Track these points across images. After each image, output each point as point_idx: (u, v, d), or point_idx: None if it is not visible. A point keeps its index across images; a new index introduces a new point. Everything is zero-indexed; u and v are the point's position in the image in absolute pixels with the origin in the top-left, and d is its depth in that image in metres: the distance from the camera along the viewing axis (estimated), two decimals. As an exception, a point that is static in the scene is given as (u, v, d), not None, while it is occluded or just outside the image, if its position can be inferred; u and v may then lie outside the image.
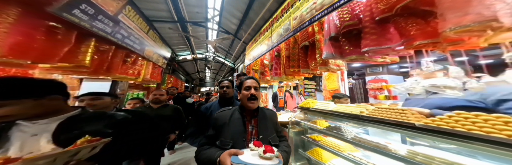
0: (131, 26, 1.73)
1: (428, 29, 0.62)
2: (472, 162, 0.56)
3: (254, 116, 0.72)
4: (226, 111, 0.74)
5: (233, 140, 0.62)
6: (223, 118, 0.69)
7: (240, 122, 0.68)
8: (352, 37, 1.00)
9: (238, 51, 4.62)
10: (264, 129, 0.69)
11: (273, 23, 2.13)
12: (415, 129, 0.64)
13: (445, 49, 0.63)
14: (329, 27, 1.20)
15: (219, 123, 0.68)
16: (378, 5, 0.83)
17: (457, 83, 0.55)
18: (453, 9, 0.54)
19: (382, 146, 0.78)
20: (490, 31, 0.48)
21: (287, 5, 1.77)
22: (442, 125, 0.56)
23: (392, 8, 0.74)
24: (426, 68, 0.68)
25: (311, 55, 1.51)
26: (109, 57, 1.42)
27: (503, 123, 0.46)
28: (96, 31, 1.23)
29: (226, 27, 3.42)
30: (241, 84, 0.73)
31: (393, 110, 0.76)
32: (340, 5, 1.00)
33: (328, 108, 1.16)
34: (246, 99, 0.68)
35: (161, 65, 2.84)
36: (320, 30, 1.40)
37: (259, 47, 2.72)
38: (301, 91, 3.89)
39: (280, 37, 1.90)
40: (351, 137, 0.99)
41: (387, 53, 0.83)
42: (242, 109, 0.72)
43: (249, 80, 0.73)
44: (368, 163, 0.85)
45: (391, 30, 0.78)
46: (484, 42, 0.54)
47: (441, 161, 0.57)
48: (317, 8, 1.28)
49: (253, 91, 0.69)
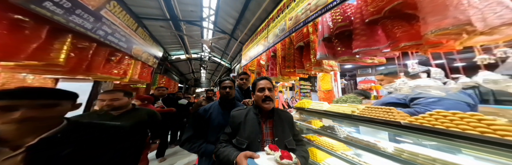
0: (116, 22, 1.63)
1: (412, 32, 0.67)
2: (451, 158, 0.60)
3: (269, 117, 0.71)
4: (242, 110, 0.74)
5: (249, 139, 0.62)
6: (239, 116, 0.70)
7: (255, 122, 0.67)
8: (344, 39, 1.04)
9: (234, 52, 4.60)
10: (280, 132, 0.67)
11: (269, 24, 2.16)
12: (401, 127, 0.67)
13: (426, 51, 0.68)
14: (322, 28, 1.24)
15: (236, 121, 0.68)
16: (368, 7, 0.87)
17: (439, 83, 0.60)
18: (433, 13, 0.58)
19: (372, 144, 0.81)
20: (465, 34, 0.52)
21: (283, 6, 1.81)
22: (424, 123, 0.60)
23: (380, 11, 0.79)
24: (412, 69, 0.73)
25: (306, 55, 1.55)
26: (89, 56, 1.30)
27: (476, 120, 0.50)
28: (72, 26, 1.12)
29: (222, 27, 3.42)
30: (254, 85, 0.74)
31: (381, 109, 0.80)
32: (333, 6, 1.04)
33: (322, 108, 1.19)
34: (261, 100, 0.68)
35: (151, 65, 2.72)
36: (315, 31, 1.44)
37: (256, 48, 2.75)
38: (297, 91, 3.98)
39: (276, 37, 1.93)
40: (344, 136, 1.03)
41: (375, 54, 0.87)
42: (257, 109, 0.72)
43: (262, 81, 0.73)
44: (359, 161, 0.89)
45: (379, 32, 0.82)
46: (459, 45, 0.59)
47: (424, 157, 0.61)
48: (312, 9, 1.32)
49: (267, 92, 0.69)
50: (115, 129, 0.50)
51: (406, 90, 0.72)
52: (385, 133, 0.92)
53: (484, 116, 0.49)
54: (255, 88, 0.72)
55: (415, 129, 0.63)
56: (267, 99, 0.68)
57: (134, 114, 0.93)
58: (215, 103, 0.96)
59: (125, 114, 0.88)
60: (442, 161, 0.58)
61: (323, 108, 1.21)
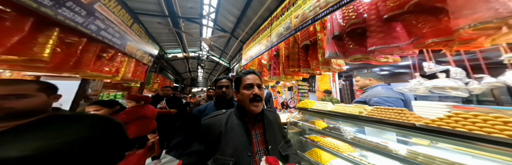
0: (111, 17, 1.53)
1: (441, 27, 0.61)
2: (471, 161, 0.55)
3: (257, 120, 0.56)
4: (219, 115, 0.56)
5: (235, 156, 0.46)
6: (217, 126, 0.51)
7: (242, 129, 0.51)
8: (356, 36, 0.99)
9: (234, 51, 4.51)
10: (272, 137, 0.54)
11: (272, 22, 2.09)
12: (416, 129, 0.62)
13: (452, 49, 0.62)
14: (332, 26, 1.18)
15: (212, 133, 0.50)
16: (387, 2, 0.81)
17: (459, 84, 0.54)
18: (468, 5, 0.52)
19: (382, 146, 0.75)
20: (505, 28, 0.46)
21: (288, 4, 1.74)
22: (442, 125, 0.55)
23: (403, 5, 0.73)
24: (428, 69, 0.67)
25: (312, 54, 1.48)
26: (78, 51, 1.19)
27: (502, 123, 0.44)
28: (61, 20, 1.03)
29: (222, 25, 3.31)
30: (238, 81, 0.56)
31: (392, 110, 0.75)
32: (347, 2, 0.98)
33: (327, 108, 1.13)
34: (248, 100, 0.52)
35: (146, 63, 2.58)
36: (322, 29, 1.38)
37: (257, 47, 2.67)
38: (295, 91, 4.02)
39: (280, 36, 1.86)
40: (351, 137, 0.97)
41: (392, 52, 0.81)
42: (241, 112, 0.55)
43: (250, 75, 0.55)
44: (368, 163, 0.82)
45: (398, 29, 0.77)
46: (491, 42, 0.53)
47: (442, 161, 0.55)
48: (322, 6, 1.26)
49: (257, 90, 0.53)
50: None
51: (422, 91, 0.66)
52: (392, 134, 0.86)
53: (510, 118, 0.44)
54: (240, 84, 0.55)
55: (432, 131, 0.57)
56: (256, 98, 0.52)
57: (57, 126, 0.33)
58: (210, 103, 0.86)
59: (33, 127, 0.31)
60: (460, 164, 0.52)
61: (328, 108, 1.14)
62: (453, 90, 0.58)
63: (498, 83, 0.52)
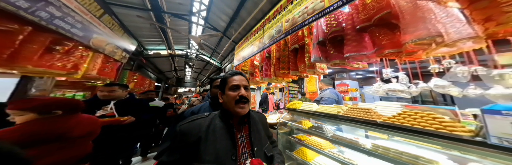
0: (71, 5, 1.35)
1: (395, 40, 0.79)
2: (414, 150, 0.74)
3: (243, 122, 0.58)
4: (199, 119, 0.54)
5: (218, 161, 0.45)
6: (195, 131, 0.50)
7: (225, 133, 0.52)
8: (336, 43, 1.16)
9: (226, 50, 4.57)
10: (257, 139, 0.56)
11: (265, 24, 2.24)
12: (378, 125, 0.78)
13: (401, 59, 0.81)
14: (317, 32, 1.35)
15: (190, 140, 0.49)
16: (359, 15, 0.99)
17: (404, 87, 0.72)
18: (413, 24, 0.70)
19: (354, 141, 0.91)
20: (434, 45, 0.64)
21: (280, 7, 1.91)
22: (395, 121, 0.71)
23: (370, 19, 0.91)
24: (386, 75, 0.85)
25: (301, 58, 1.64)
26: (16, 42, 0.99)
27: (432, 119, 0.62)
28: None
29: (214, 23, 3.38)
30: (224, 82, 0.57)
31: (361, 110, 0.91)
32: (329, 11, 1.16)
33: (312, 109, 1.28)
34: (234, 102, 0.53)
35: (118, 59, 2.35)
36: (309, 34, 1.55)
37: (250, 48, 2.80)
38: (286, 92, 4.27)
39: (272, 38, 2.01)
40: (331, 135, 1.12)
41: (362, 59, 0.99)
42: (226, 114, 0.56)
43: (236, 76, 0.57)
44: (344, 158, 0.98)
45: (367, 39, 0.94)
46: (425, 55, 0.72)
47: (394, 151, 0.72)
48: (309, 12, 1.42)
49: (243, 91, 0.54)
50: None
51: (381, 93, 0.84)
52: (362, 131, 1.03)
53: (437, 115, 0.61)
54: (225, 85, 0.56)
55: (388, 126, 0.74)
56: (242, 100, 0.53)
57: None
58: (204, 104, 0.83)
59: None
60: (407, 153, 0.70)
61: (313, 108, 1.30)
62: (401, 92, 0.76)
63: (427, 87, 0.71)
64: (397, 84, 0.82)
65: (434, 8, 0.67)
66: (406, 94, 0.78)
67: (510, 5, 0.48)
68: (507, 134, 0.48)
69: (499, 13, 0.50)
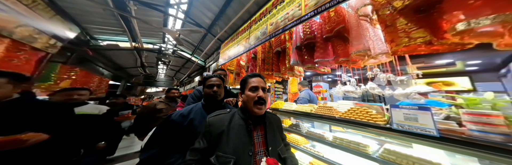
0: None
1: (346, 50, 1.11)
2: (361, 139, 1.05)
3: (259, 122, 0.67)
4: (223, 114, 0.66)
5: (236, 154, 0.54)
6: (220, 124, 0.61)
7: (244, 130, 0.61)
8: (309, 49, 1.47)
9: (211, 49, 4.73)
10: (272, 139, 0.64)
11: (251, 25, 2.51)
12: (336, 120, 1.08)
13: (350, 66, 1.14)
14: (296, 38, 1.66)
15: (215, 131, 0.59)
16: (325, 26, 1.31)
17: (354, 89, 1.04)
18: (355, 38, 1.02)
19: (321, 135, 1.21)
20: (366, 57, 0.96)
21: (266, 10, 2.19)
22: (346, 116, 1.02)
23: (332, 30, 1.22)
24: (343, 79, 1.18)
25: (282, 60, 1.94)
26: None
27: (366, 112, 0.93)
28: None
29: (197, 19, 3.52)
30: (244, 83, 0.70)
31: (326, 108, 1.22)
32: (305, 19, 1.46)
33: (292, 108, 1.57)
34: (252, 102, 0.63)
35: (42, 48, 1.98)
36: (290, 39, 1.85)
37: (236, 47, 3.04)
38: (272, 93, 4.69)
39: (257, 40, 2.29)
40: (305, 131, 1.41)
41: (326, 65, 1.30)
42: (244, 113, 0.66)
43: (255, 78, 0.68)
44: (314, 152, 1.27)
45: (330, 47, 1.26)
46: (363, 64, 1.05)
47: (348, 141, 1.03)
48: (289, 18, 1.73)
49: (261, 93, 0.64)
50: None
51: (342, 93, 1.15)
52: (327, 126, 1.35)
53: (367, 109, 0.93)
54: (245, 86, 0.68)
55: (342, 120, 1.05)
56: (260, 101, 0.63)
57: None
58: (196, 105, 0.86)
59: None
60: (353, 142, 1.03)
61: (292, 108, 1.59)
62: (352, 93, 1.08)
63: (364, 89, 1.04)
64: (350, 86, 1.14)
65: (369, 28, 0.99)
66: (355, 94, 1.10)
67: (403, 32, 0.81)
68: (401, 121, 0.79)
69: (397, 37, 0.83)
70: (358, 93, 1.10)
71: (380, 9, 0.92)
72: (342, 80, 1.26)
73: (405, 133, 0.78)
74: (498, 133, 0.55)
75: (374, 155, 0.95)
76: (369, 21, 1.00)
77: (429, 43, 0.72)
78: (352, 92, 1.13)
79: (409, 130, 0.76)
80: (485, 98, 0.65)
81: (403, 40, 0.79)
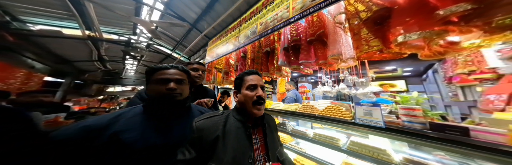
0: None
1: (325, 54, 1.33)
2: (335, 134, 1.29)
3: (257, 124, 0.66)
4: (216, 117, 0.63)
5: (235, 163, 0.51)
6: (214, 128, 0.58)
7: (243, 133, 0.59)
8: (295, 50, 1.68)
9: (197, 45, 4.82)
10: (272, 142, 0.64)
11: (241, 24, 2.68)
12: (315, 117, 1.30)
13: (327, 68, 1.36)
14: (284, 39, 1.87)
15: (209, 137, 0.55)
16: (309, 29, 1.52)
17: (330, 89, 1.27)
18: (332, 44, 1.24)
19: (303, 132, 1.43)
20: (340, 61, 1.19)
21: (256, 10, 2.38)
22: (324, 113, 1.24)
23: (314, 34, 1.44)
24: (323, 80, 1.41)
25: (271, 60, 2.15)
26: None
27: (338, 110, 1.16)
28: None
29: (180, 12, 3.55)
30: (240, 80, 0.67)
31: (308, 106, 1.44)
32: (292, 21, 1.68)
33: (279, 107, 1.78)
34: (251, 102, 0.61)
35: None
36: (278, 40, 2.05)
37: (225, 45, 3.20)
38: None
39: (247, 38, 2.47)
40: (291, 129, 1.63)
41: (309, 66, 1.52)
42: (242, 114, 0.64)
43: (253, 76, 0.66)
44: (298, 148, 1.49)
45: (312, 50, 1.47)
46: (336, 67, 1.29)
47: (325, 136, 1.26)
48: (278, 20, 1.93)
49: (261, 92, 0.63)
50: None
51: (321, 93, 1.38)
52: (309, 123, 1.58)
53: (339, 107, 1.16)
54: (242, 84, 0.66)
55: (320, 117, 1.27)
56: (260, 101, 0.62)
57: None
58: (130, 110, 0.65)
59: None
60: (329, 137, 1.30)
61: (280, 107, 1.80)
62: (329, 92, 1.30)
63: (338, 89, 1.27)
64: (327, 87, 1.37)
65: (342, 34, 1.21)
66: (331, 94, 1.33)
67: (365, 40, 1.04)
68: (362, 116, 1.02)
69: (361, 44, 1.05)
70: (333, 92, 1.34)
71: (351, 19, 1.15)
72: (321, 82, 1.49)
73: (364, 126, 1.02)
74: (418, 122, 0.80)
75: (343, 147, 1.20)
76: (342, 28, 1.22)
77: (381, 51, 0.96)
78: (329, 92, 1.36)
79: (366, 123, 1.00)
80: (412, 96, 0.90)
81: (364, 47, 1.02)
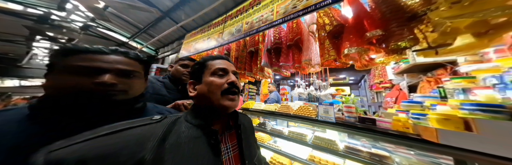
0: None
1: (300, 58, 1.91)
2: (305, 131, 1.86)
3: (229, 127, 0.65)
4: (137, 128, 0.48)
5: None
6: (127, 152, 0.42)
7: (204, 144, 0.53)
8: (277, 53, 2.26)
9: (169, 36, 5.24)
10: (249, 149, 0.65)
11: (226, 20, 3.22)
12: (291, 117, 1.86)
13: (301, 72, 1.94)
14: (268, 41, 2.45)
15: (133, 158, 0.41)
16: (289, 35, 2.11)
17: (303, 91, 1.85)
18: (305, 50, 1.82)
19: (280, 131, 1.98)
20: (310, 66, 1.77)
21: (242, 9, 2.95)
22: (296, 112, 1.81)
23: (293, 39, 2.02)
24: (298, 83, 1.99)
25: (255, 61, 2.73)
26: None
27: (306, 110, 1.74)
28: None
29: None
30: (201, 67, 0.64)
31: (285, 106, 2.01)
32: (276, 24, 2.31)
33: (260, 108, 2.31)
34: (219, 92, 0.58)
35: None
36: (263, 41, 2.62)
37: (206, 41, 3.75)
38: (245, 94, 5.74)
39: (232, 36, 3.04)
40: (270, 128, 2.17)
41: (287, 69, 2.09)
42: (201, 115, 0.60)
43: (220, 60, 0.65)
44: (275, 147, 2.02)
45: (291, 54, 2.05)
46: (307, 71, 1.87)
47: (297, 134, 1.83)
48: (263, 21, 2.53)
49: (233, 77, 0.63)
50: None
51: (298, 94, 1.95)
52: (285, 122, 2.14)
53: (308, 107, 1.75)
54: (203, 71, 0.63)
55: (294, 116, 1.83)
56: (233, 89, 0.60)
57: None
58: (6, 112, 0.56)
59: None
60: (300, 133, 1.84)
61: (261, 107, 2.34)
62: (302, 94, 1.87)
63: (308, 92, 1.85)
64: (301, 89, 1.94)
65: (313, 42, 1.80)
66: (304, 95, 1.90)
67: (326, 50, 1.63)
68: (322, 114, 1.61)
69: (324, 53, 1.65)
70: (305, 94, 1.92)
71: (320, 30, 1.75)
72: (297, 84, 2.07)
73: (323, 122, 1.58)
74: (353, 117, 1.39)
75: (309, 142, 1.76)
76: (314, 37, 1.81)
77: (336, 60, 1.54)
78: (302, 93, 1.93)
79: (325, 119, 1.58)
80: (350, 98, 1.49)
81: (326, 55, 1.62)
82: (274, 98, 3.23)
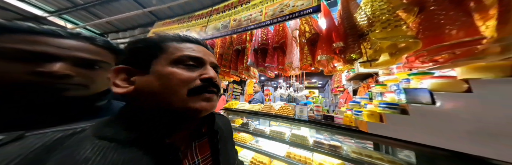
0: None
1: (283, 61, 2.44)
2: (284, 129, 2.43)
3: (199, 134, 0.60)
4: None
5: None
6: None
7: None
8: (263, 53, 2.76)
9: (129, 21, 4.99)
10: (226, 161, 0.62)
11: (212, 14, 3.63)
12: (272, 116, 2.40)
13: (284, 74, 2.47)
14: (255, 40, 2.93)
15: None
16: (276, 37, 2.61)
17: (284, 92, 2.39)
18: (288, 53, 2.34)
19: (262, 130, 2.51)
20: (291, 69, 2.29)
21: (231, 5, 3.37)
22: (279, 112, 2.36)
23: (278, 42, 2.53)
24: (281, 84, 2.52)
25: (241, 59, 3.22)
26: None
27: (286, 109, 2.31)
28: None
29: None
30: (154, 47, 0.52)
31: (268, 106, 2.57)
32: (263, 25, 2.81)
33: (244, 107, 2.81)
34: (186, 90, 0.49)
35: None
36: (250, 40, 3.09)
37: (185, 32, 4.10)
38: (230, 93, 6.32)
39: (218, 31, 3.48)
40: (252, 128, 2.70)
41: (272, 70, 2.60)
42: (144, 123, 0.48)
43: (193, 45, 0.56)
44: (257, 146, 2.55)
45: (276, 56, 2.55)
46: (289, 73, 2.41)
47: (278, 132, 2.42)
48: (252, 20, 3.01)
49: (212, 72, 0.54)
50: None
51: (280, 95, 2.47)
52: (267, 122, 2.68)
53: (288, 107, 2.31)
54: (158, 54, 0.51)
55: (276, 116, 2.37)
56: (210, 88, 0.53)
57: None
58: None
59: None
60: (280, 132, 2.48)
61: (245, 107, 2.84)
62: (284, 95, 2.40)
63: (288, 93, 2.39)
64: (283, 90, 2.47)
65: (295, 47, 2.31)
66: (285, 96, 2.42)
67: (305, 55, 2.15)
68: (298, 113, 2.17)
69: (303, 58, 2.18)
70: (286, 95, 2.44)
71: (301, 36, 2.24)
72: (280, 86, 2.59)
73: (299, 120, 2.11)
74: (320, 115, 1.94)
75: (287, 139, 2.29)
76: (296, 42, 2.31)
77: (311, 66, 2.06)
78: (283, 94, 2.46)
79: (300, 118, 2.11)
80: (319, 99, 2.05)
81: (304, 60, 2.14)
82: (259, 99, 3.88)
